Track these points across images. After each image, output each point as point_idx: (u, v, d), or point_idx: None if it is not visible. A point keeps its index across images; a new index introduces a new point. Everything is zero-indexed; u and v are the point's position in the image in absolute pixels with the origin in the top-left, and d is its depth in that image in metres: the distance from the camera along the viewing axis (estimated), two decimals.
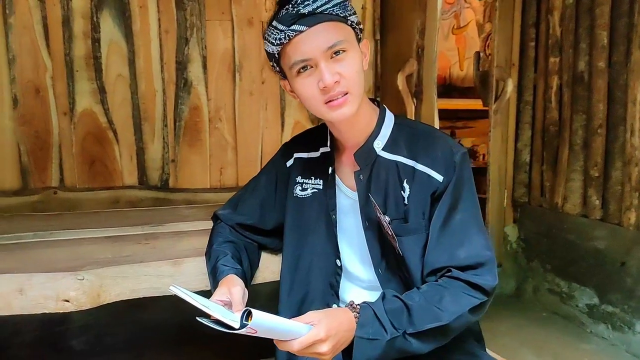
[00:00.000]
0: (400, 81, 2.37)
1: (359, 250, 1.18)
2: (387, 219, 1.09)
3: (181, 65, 2.30)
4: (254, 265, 1.25)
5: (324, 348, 0.89)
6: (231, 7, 2.33)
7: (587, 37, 2.48)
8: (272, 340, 0.91)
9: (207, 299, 0.91)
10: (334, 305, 1.18)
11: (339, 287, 1.20)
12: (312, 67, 1.00)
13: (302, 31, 0.98)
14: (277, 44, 1.01)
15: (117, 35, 2.21)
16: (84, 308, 1.12)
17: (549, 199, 2.76)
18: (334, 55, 0.99)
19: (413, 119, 2.38)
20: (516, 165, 2.96)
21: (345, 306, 0.98)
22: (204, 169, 2.36)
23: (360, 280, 1.20)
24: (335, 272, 1.19)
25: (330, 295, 1.19)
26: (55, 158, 2.17)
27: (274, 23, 1.01)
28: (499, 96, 2.65)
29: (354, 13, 1.06)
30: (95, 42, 2.18)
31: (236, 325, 0.83)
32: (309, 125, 2.53)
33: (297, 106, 2.50)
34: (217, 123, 2.37)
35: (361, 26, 1.08)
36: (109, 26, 2.20)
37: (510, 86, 2.63)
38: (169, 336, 2.29)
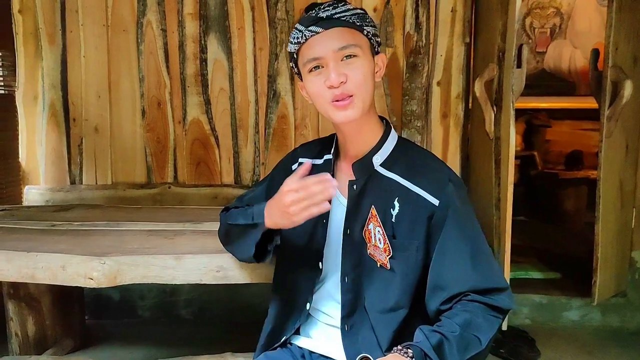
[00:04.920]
0: (478, 87, 2.26)
1: (334, 257, 1.22)
2: (382, 231, 1.13)
3: (271, 78, 2.56)
4: None
5: None
6: None
7: None
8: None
9: None
10: (307, 305, 1.23)
11: (314, 288, 1.25)
12: (322, 66, 1.07)
13: (318, 32, 1.07)
14: (295, 43, 1.11)
15: (220, 55, 2.57)
16: (103, 286, 1.43)
17: None
18: (344, 58, 1.06)
19: (492, 127, 2.24)
20: None
21: (393, 351, 1.01)
22: None
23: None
24: (316, 275, 1.23)
25: (309, 295, 1.24)
26: (170, 159, 2.64)
27: (297, 25, 1.13)
28: (615, 100, 2.28)
29: (373, 26, 1.13)
30: (203, 61, 2.58)
31: None
32: None
33: (379, 114, 2.54)
34: (303, 130, 2.57)
35: (379, 39, 1.15)
36: (214, 47, 2.57)
37: (629, 89, 2.23)
38: (256, 315, 2.61)
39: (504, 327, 2.14)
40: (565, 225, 3.69)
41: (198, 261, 1.46)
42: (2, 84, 2.58)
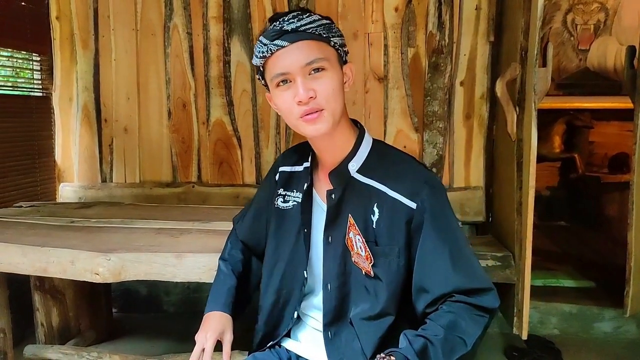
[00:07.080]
0: (499, 87, 2.18)
1: (318, 265, 1.22)
2: (362, 239, 1.12)
3: None
4: (254, 274, 1.39)
5: None
6: (338, 22, 2.49)
7: None
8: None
9: None
10: (295, 313, 1.23)
11: (302, 296, 1.26)
12: (290, 81, 1.04)
13: (284, 46, 1.03)
14: (260, 57, 1.08)
15: (243, 57, 2.61)
16: (108, 282, 1.49)
17: None
18: (312, 72, 1.04)
19: (515, 128, 2.16)
20: None
21: (377, 359, 1.00)
22: None
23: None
24: (302, 283, 1.23)
25: (297, 302, 1.25)
26: (194, 159, 2.71)
27: (261, 37, 1.08)
28: None
29: (340, 35, 1.11)
30: (226, 64, 2.63)
31: None
32: (412, 134, 2.52)
33: (400, 115, 2.51)
34: None
35: (346, 49, 1.13)
36: (237, 49, 2.61)
37: None
38: None
39: (524, 337, 2.05)
40: (608, 232, 3.49)
41: (198, 260, 1.49)
42: (40, 86, 2.73)
